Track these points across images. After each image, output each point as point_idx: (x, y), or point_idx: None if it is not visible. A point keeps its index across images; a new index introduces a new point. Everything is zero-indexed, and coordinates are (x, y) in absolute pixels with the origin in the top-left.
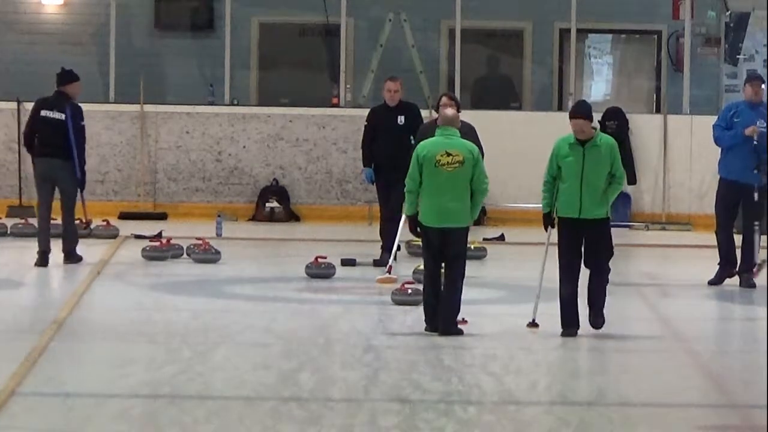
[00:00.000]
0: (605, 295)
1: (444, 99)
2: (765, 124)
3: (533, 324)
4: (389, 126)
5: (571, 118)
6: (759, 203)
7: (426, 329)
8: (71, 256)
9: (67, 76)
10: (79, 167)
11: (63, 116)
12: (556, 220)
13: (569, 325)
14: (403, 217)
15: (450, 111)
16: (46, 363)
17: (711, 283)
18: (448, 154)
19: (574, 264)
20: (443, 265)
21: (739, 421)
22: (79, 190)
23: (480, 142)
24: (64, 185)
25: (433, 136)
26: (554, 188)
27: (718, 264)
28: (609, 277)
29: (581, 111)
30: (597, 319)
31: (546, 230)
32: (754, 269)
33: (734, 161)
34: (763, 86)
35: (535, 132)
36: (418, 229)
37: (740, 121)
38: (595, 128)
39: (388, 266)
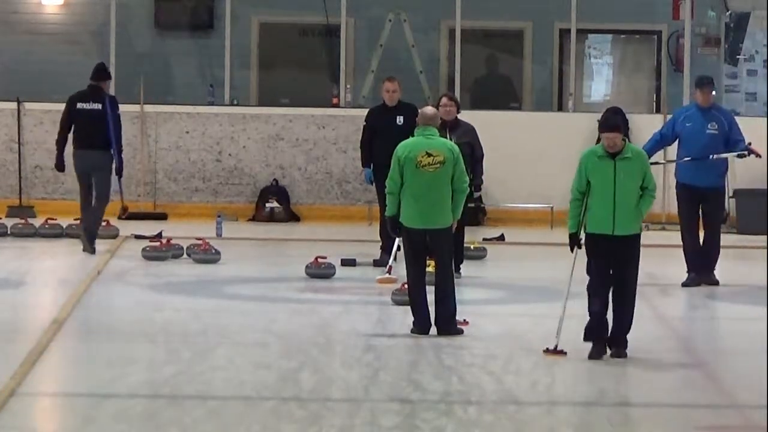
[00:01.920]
0: (630, 325)
1: (444, 99)
2: (716, 127)
3: (556, 351)
4: (388, 126)
5: (602, 131)
6: (720, 204)
7: (412, 330)
8: (91, 239)
9: (105, 73)
10: (118, 155)
11: (99, 106)
12: (582, 240)
13: (599, 341)
14: None
15: (429, 109)
16: (46, 363)
17: (685, 285)
18: (429, 155)
19: (605, 282)
20: (433, 265)
21: (739, 421)
22: (117, 177)
23: (480, 142)
24: (99, 174)
25: None
26: (583, 205)
27: (687, 271)
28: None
29: (615, 125)
30: (620, 350)
31: (572, 251)
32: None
33: (687, 165)
34: (713, 92)
35: (535, 132)
36: (399, 230)
37: (692, 125)
38: (625, 139)
39: (388, 266)
